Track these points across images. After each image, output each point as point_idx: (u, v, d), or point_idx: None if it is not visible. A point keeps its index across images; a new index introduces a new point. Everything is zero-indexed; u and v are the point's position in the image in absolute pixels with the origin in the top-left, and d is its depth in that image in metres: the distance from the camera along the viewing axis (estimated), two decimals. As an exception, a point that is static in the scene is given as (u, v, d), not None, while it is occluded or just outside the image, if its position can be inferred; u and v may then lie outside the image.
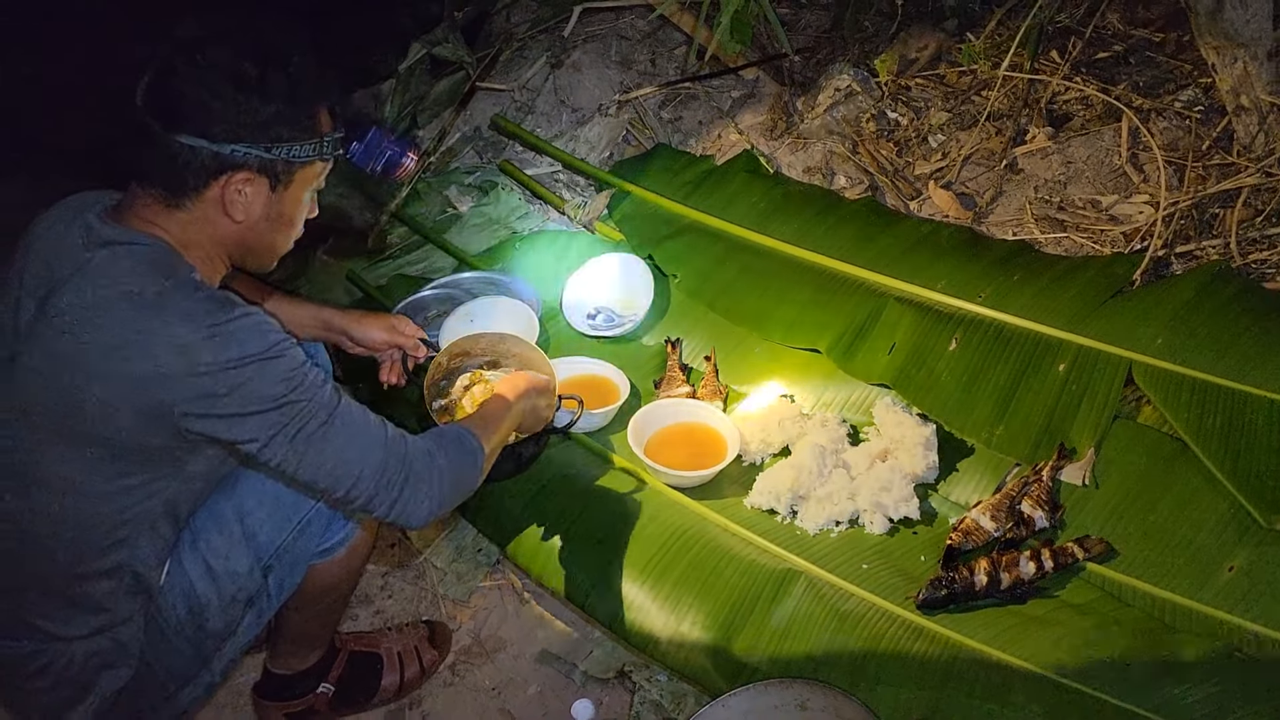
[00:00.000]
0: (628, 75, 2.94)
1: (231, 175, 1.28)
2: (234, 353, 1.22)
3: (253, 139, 1.27)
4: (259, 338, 1.25)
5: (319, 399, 1.29)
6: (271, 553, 1.52)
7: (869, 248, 2.24)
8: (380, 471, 1.32)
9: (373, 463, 1.32)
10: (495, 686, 1.89)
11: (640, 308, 2.30)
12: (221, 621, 1.51)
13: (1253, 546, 1.65)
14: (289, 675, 1.78)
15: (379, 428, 1.35)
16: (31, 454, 1.29)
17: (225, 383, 1.22)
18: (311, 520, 1.55)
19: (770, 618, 1.73)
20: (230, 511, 1.49)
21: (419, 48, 3.02)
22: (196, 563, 1.47)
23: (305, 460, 1.29)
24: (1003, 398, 1.91)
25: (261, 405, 1.24)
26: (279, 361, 1.25)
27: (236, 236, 1.35)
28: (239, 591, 1.51)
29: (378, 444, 1.33)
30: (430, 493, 1.37)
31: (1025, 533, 1.75)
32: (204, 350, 1.21)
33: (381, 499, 1.34)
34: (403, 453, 1.35)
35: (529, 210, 2.73)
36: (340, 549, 1.61)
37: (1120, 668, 1.57)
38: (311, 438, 1.28)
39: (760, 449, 2.00)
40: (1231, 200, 2.17)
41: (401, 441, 1.36)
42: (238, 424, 1.25)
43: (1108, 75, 2.51)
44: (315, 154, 1.34)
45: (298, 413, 1.26)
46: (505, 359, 1.93)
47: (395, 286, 2.58)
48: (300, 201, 1.39)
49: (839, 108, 2.64)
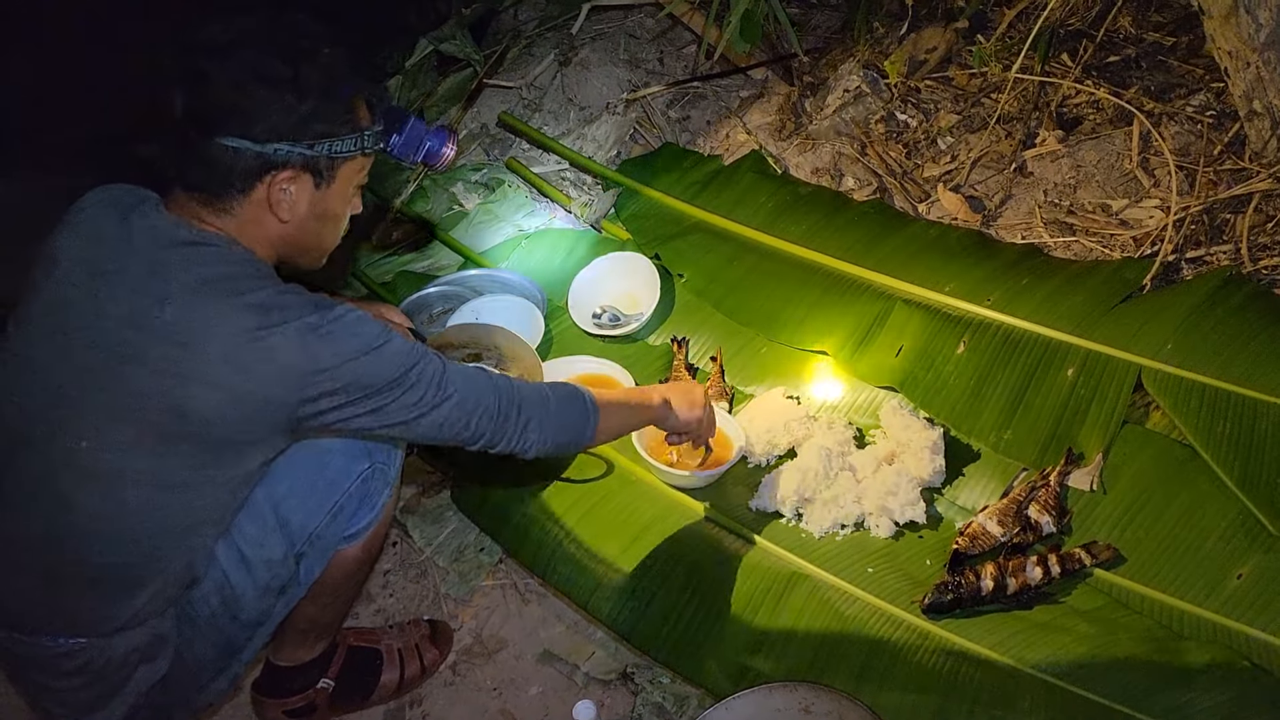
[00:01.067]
0: (636, 74, 2.93)
1: (276, 175, 1.29)
2: (348, 348, 1.27)
3: (294, 136, 1.28)
4: (365, 330, 1.29)
5: (429, 370, 1.35)
6: (305, 539, 1.52)
7: (877, 249, 2.23)
8: (496, 412, 1.42)
9: (488, 406, 1.41)
10: (496, 686, 1.88)
11: (646, 307, 2.29)
12: (255, 611, 1.50)
13: (1262, 554, 1.64)
14: (291, 668, 1.77)
15: (486, 378, 1.44)
16: (118, 452, 1.27)
17: (344, 376, 1.27)
18: (343, 505, 1.55)
19: (775, 620, 1.72)
20: (263, 499, 1.48)
21: (426, 44, 3.02)
22: (230, 552, 1.47)
23: (424, 422, 1.35)
24: (1011, 402, 1.90)
25: (380, 388, 1.30)
26: (388, 346, 1.30)
27: (285, 236, 1.36)
28: (273, 580, 1.50)
29: (488, 389, 1.42)
30: (541, 427, 1.47)
31: (1032, 538, 1.74)
32: (319, 349, 1.25)
33: (500, 437, 1.44)
34: (512, 392, 1.45)
35: (535, 208, 2.72)
36: (365, 534, 1.61)
37: (1127, 675, 1.56)
38: (430, 405, 1.35)
39: (766, 451, 1.99)
40: (1243, 206, 2.15)
41: (509, 384, 1.46)
42: (358, 407, 1.30)
43: (1119, 79, 2.49)
44: (356, 148, 1.35)
45: (413, 384, 1.32)
46: (487, 351, 1.92)
47: (400, 283, 2.57)
48: (345, 197, 1.40)
49: (848, 109, 2.63)
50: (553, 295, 2.41)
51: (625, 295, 2.37)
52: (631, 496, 1.96)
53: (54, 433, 1.27)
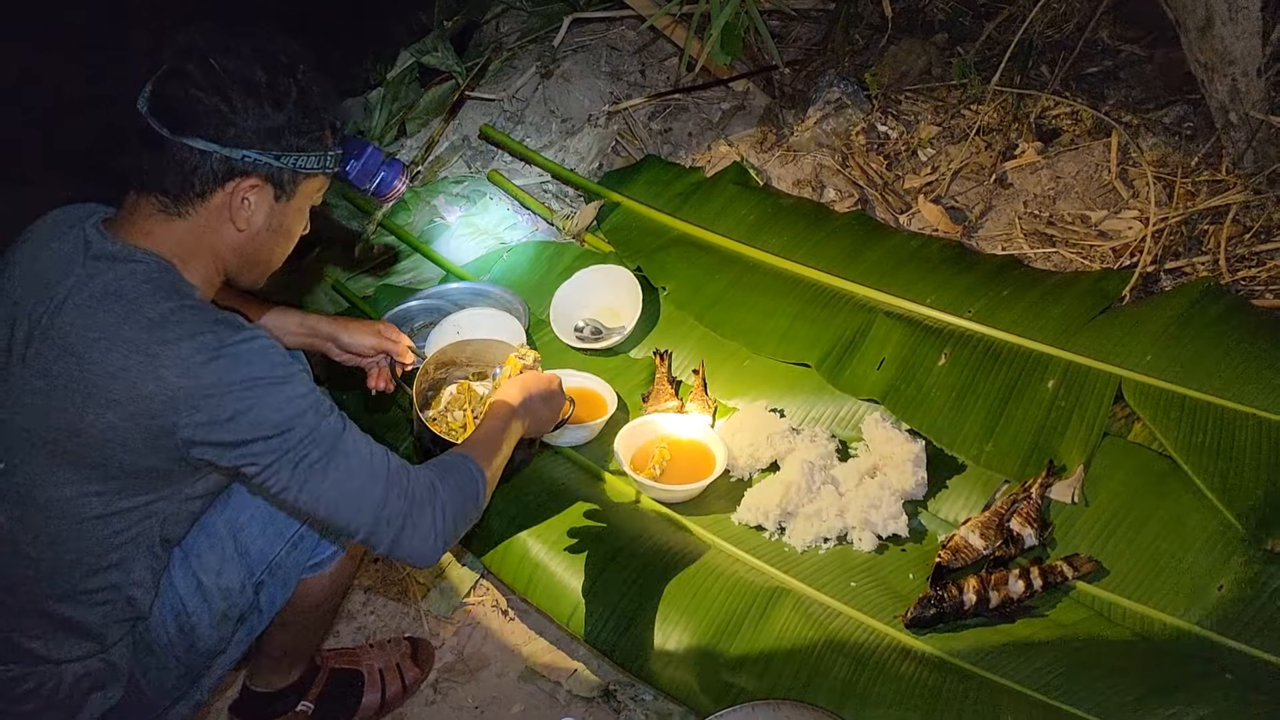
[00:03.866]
0: (618, 86, 2.93)
1: (240, 181, 1.28)
2: (240, 375, 1.19)
3: (263, 146, 1.27)
4: (265, 361, 1.22)
5: (324, 427, 1.25)
6: (264, 568, 1.50)
7: (859, 261, 2.23)
8: (381, 505, 1.28)
9: (374, 496, 1.28)
10: (478, 705, 1.86)
11: (628, 320, 2.29)
12: (213, 639, 1.48)
13: (1242, 566, 1.64)
14: (268, 693, 1.75)
15: (382, 460, 1.31)
16: (28, 475, 1.26)
17: (230, 406, 1.19)
18: (304, 535, 1.53)
19: (757, 636, 1.71)
20: (223, 526, 1.47)
21: (408, 56, 3.01)
22: (188, 579, 1.45)
23: (306, 489, 1.25)
24: (992, 414, 1.90)
25: (265, 431, 1.21)
26: (285, 386, 1.22)
27: (237, 246, 1.33)
28: (230, 608, 1.48)
29: (380, 477, 1.29)
30: (435, 528, 1.32)
31: (1014, 551, 1.74)
32: (210, 372, 1.18)
33: (382, 534, 1.29)
34: (405, 486, 1.30)
35: (517, 220, 2.72)
36: (330, 563, 1.59)
37: (1109, 688, 1.55)
38: (314, 466, 1.24)
39: (749, 464, 1.99)
40: (1220, 217, 2.17)
41: (404, 474, 1.32)
42: (240, 449, 1.22)
43: (1097, 91, 2.51)
44: (319, 166, 1.34)
45: (300, 439, 1.23)
46: (491, 368, 1.90)
47: (381, 297, 2.55)
48: (301, 214, 1.39)
49: (829, 120, 2.64)
50: (535, 308, 2.40)
51: (607, 308, 2.37)
52: (614, 513, 1.95)
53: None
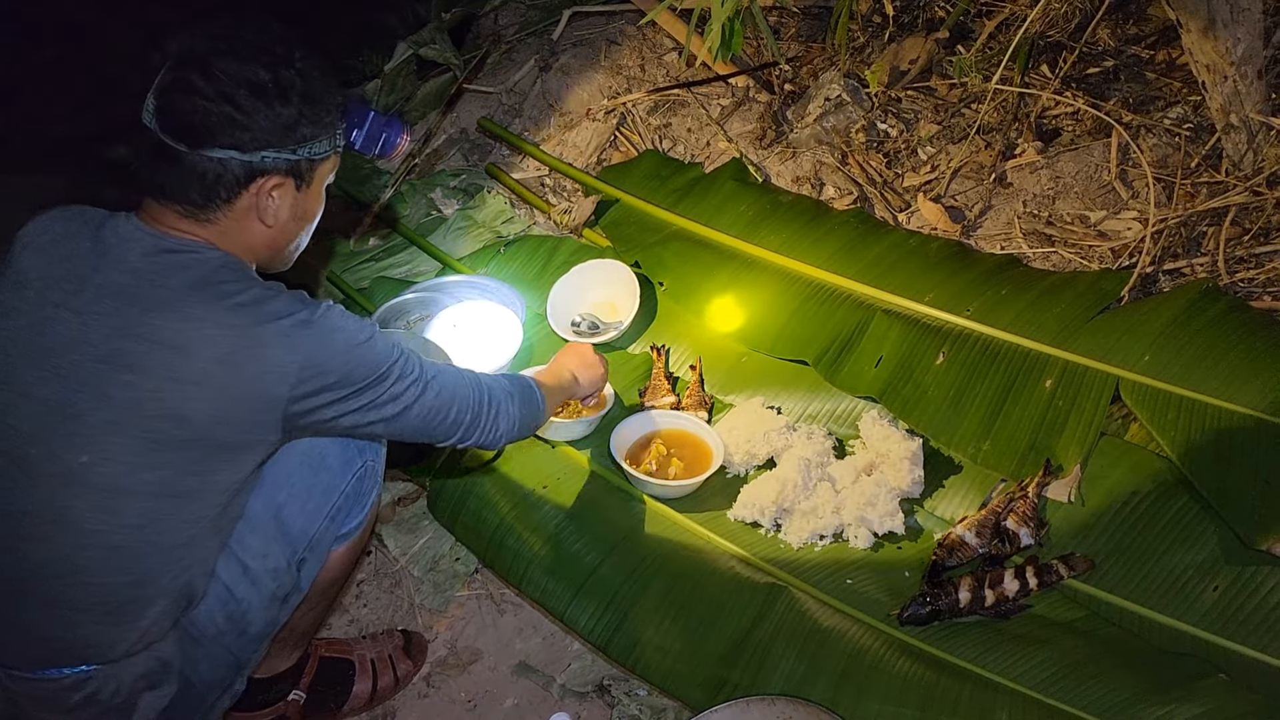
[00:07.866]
0: (617, 80, 2.92)
1: (263, 182, 1.29)
2: (337, 342, 1.30)
3: (280, 143, 1.28)
4: (352, 324, 1.33)
5: (411, 364, 1.40)
6: (305, 544, 1.50)
7: (857, 259, 2.23)
8: (476, 407, 1.51)
9: (465, 398, 1.50)
10: (471, 699, 1.85)
11: (626, 315, 2.28)
12: (263, 622, 1.48)
13: (1238, 567, 1.64)
14: (265, 679, 1.74)
15: (457, 371, 1.53)
16: (117, 464, 1.25)
17: (335, 370, 1.30)
18: (340, 506, 1.53)
19: (753, 632, 1.71)
20: (262, 508, 1.45)
21: (405, 48, 2.99)
22: (231, 566, 1.43)
23: (409, 415, 1.41)
24: (989, 413, 1.90)
25: (369, 382, 1.34)
26: (374, 340, 1.35)
27: (267, 240, 1.36)
28: (278, 589, 1.48)
29: (469, 385, 1.51)
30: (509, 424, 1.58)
31: (1010, 549, 1.74)
32: (309, 342, 1.27)
33: (475, 429, 1.52)
34: (481, 385, 1.54)
35: (515, 214, 2.71)
36: (356, 533, 1.59)
37: (1104, 687, 1.56)
38: (414, 397, 1.41)
39: (745, 461, 1.98)
40: (1220, 218, 2.17)
41: (476, 377, 1.55)
42: (350, 402, 1.33)
43: (1098, 91, 2.51)
44: (331, 148, 1.36)
45: (398, 377, 1.38)
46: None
47: (377, 289, 2.54)
48: (320, 195, 1.42)
49: (829, 118, 2.63)
50: (531, 302, 2.39)
51: (605, 303, 2.36)
52: (609, 507, 1.94)
53: (54, 453, 1.25)
